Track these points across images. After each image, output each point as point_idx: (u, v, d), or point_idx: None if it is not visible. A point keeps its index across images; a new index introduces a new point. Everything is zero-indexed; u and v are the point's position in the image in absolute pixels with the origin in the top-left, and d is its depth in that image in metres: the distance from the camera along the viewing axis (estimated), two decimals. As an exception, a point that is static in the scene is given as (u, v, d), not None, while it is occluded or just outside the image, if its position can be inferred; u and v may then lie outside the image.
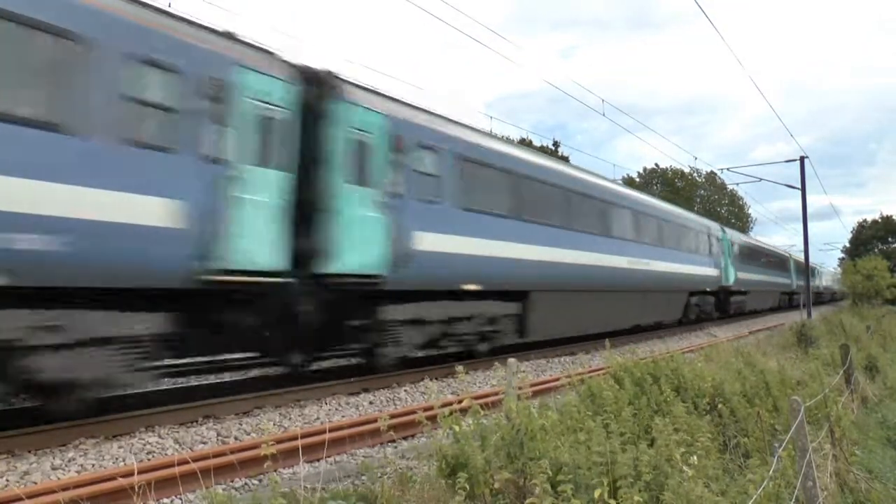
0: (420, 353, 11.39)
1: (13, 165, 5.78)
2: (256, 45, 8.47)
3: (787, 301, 47.26)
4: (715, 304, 27.87)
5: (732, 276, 29.20)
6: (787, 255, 48.09)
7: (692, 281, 23.99)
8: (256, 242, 7.90)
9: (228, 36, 8.09)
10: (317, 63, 9.43)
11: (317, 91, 9.12)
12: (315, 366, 10.74)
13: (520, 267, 13.02)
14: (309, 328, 9.15)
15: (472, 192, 11.78)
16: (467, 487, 3.54)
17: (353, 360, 11.53)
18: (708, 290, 26.21)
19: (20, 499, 4.38)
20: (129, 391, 7.97)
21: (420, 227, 10.47)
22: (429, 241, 10.63)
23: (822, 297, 62.96)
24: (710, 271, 26.23)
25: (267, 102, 8.21)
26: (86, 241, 6.22)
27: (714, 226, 28.78)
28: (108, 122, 6.50)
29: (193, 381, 10.44)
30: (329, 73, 9.46)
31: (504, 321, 12.99)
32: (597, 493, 3.32)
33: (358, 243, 9.36)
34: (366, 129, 9.66)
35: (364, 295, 9.81)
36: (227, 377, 10.89)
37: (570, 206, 15.32)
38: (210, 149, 7.44)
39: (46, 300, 6.16)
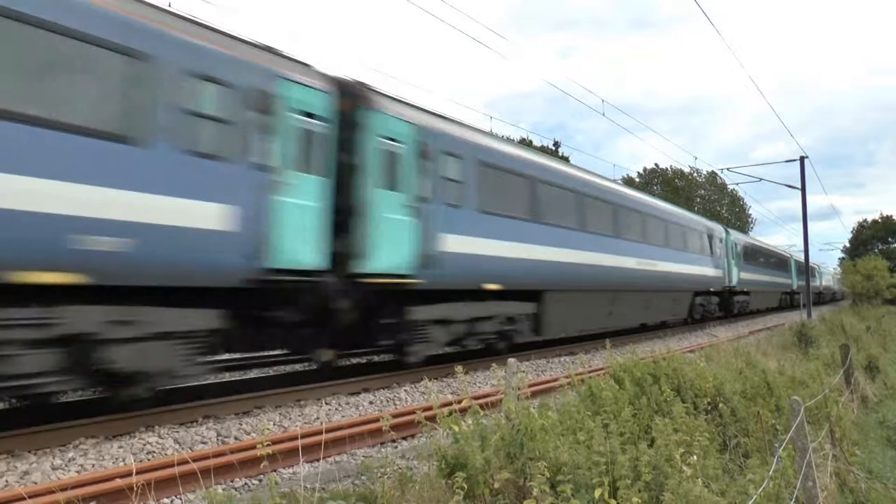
0: (446, 350, 12.15)
1: (92, 174, 6.35)
2: (295, 59, 9.01)
3: (789, 301, 47.25)
4: (719, 304, 28.34)
5: (735, 277, 29.72)
6: (788, 255, 48.09)
7: (697, 281, 24.54)
8: (299, 243, 8.46)
9: (270, 50, 8.60)
10: (349, 74, 10.17)
11: (350, 101, 9.65)
12: (344, 362, 11.29)
13: (535, 267, 13.56)
14: (344, 325, 9.68)
15: (492, 196, 12.37)
16: (465, 487, 3.54)
17: (382, 357, 12.12)
18: (712, 290, 26.73)
19: (20, 499, 4.38)
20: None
21: (445, 230, 11.07)
22: (453, 243, 11.23)
23: (822, 297, 63.01)
24: (714, 272, 26.74)
25: (307, 113, 8.76)
26: (152, 243, 6.80)
27: (718, 227, 29.13)
28: (171, 133, 7.06)
29: (193, 381, 10.43)
30: (361, 84, 10.04)
31: (521, 320, 13.58)
32: (597, 493, 3.32)
33: (389, 245, 9.92)
34: (395, 138, 10.21)
35: (394, 294, 10.33)
36: (227, 377, 10.89)
37: (583, 208, 15.88)
38: (258, 157, 7.99)
39: (119, 297, 6.74)
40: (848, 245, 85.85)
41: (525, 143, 38.18)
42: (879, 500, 5.55)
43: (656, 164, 73.67)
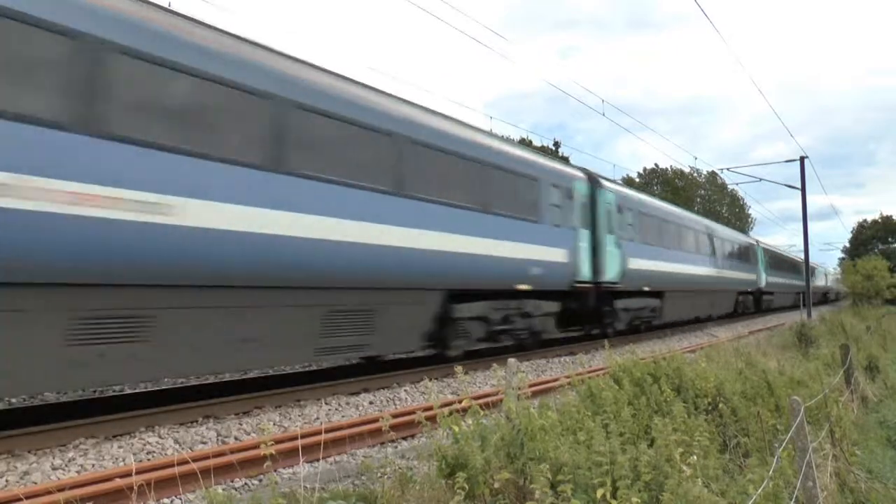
0: (626, 327, 19.10)
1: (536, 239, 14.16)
2: (573, 165, 18.32)
3: (802, 299, 47.89)
4: (753, 302, 36.38)
5: (764, 280, 37.44)
6: (800, 260, 48.82)
7: (739, 283, 32.03)
8: (586, 266, 15.86)
9: (557, 156, 16.13)
10: (588, 168, 18.11)
11: (591, 183, 17.05)
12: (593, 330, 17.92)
13: (663, 276, 20.86)
14: (593, 311, 17.08)
15: (645, 232, 19.78)
16: (466, 487, 3.54)
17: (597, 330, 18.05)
18: (749, 290, 34.59)
19: (20, 499, 4.38)
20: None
21: (631, 255, 18.30)
22: (635, 263, 18.45)
23: (825, 298, 63.44)
24: (750, 276, 34.34)
25: (581, 194, 16.21)
26: (546, 270, 14.06)
27: (751, 240, 37.42)
28: (548, 216, 14.57)
29: (193, 380, 10.45)
30: (594, 173, 17.73)
31: (656, 308, 21.09)
32: (599, 493, 3.32)
33: (610, 265, 16.96)
34: (609, 203, 17.43)
35: (611, 293, 17.52)
36: (226, 377, 10.91)
37: (681, 235, 23.63)
38: (570, 222, 15.39)
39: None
40: (848, 245, 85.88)
41: (525, 143, 38.28)
42: (879, 500, 5.55)
43: (656, 165, 73.74)
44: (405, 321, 10.42)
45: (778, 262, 43.52)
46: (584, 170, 17.49)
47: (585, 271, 15.69)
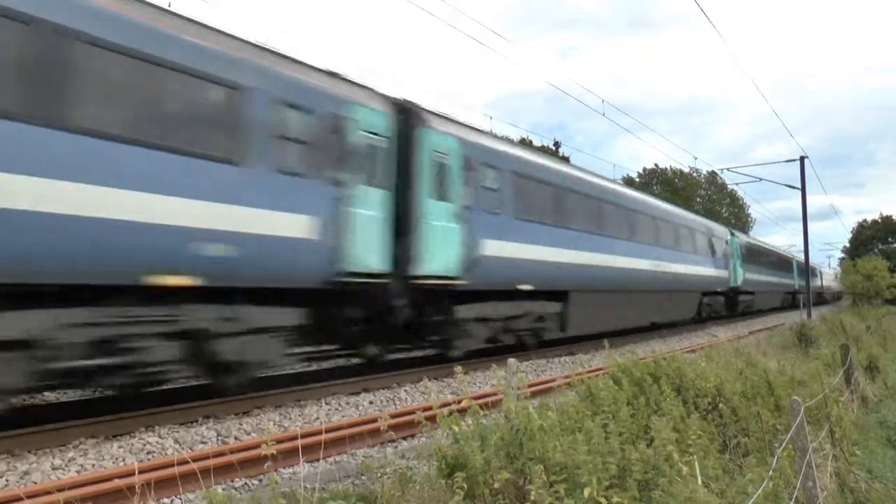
0: (484, 346, 13.03)
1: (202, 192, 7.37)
2: (360, 83, 10.19)
3: (791, 300, 47.35)
4: (724, 304, 29.52)
5: (740, 277, 30.75)
6: (791, 256, 48.43)
7: (704, 282, 25.60)
8: (367, 249, 9.46)
9: (336, 75, 9.65)
10: (404, 95, 11.35)
11: (405, 120, 10.72)
12: (390, 356, 12.09)
13: (562, 269, 14.55)
14: (399, 322, 10.86)
15: (523, 203, 13.37)
16: (465, 487, 3.54)
17: (427, 353, 12.90)
18: (718, 290, 27.82)
19: (20, 498, 4.38)
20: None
21: (486, 235, 12.01)
22: (497, 248, 12.26)
23: (822, 297, 63.06)
24: (720, 273, 27.80)
25: (371, 132, 9.80)
26: (251, 250, 7.77)
27: (723, 229, 30.33)
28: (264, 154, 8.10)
29: (193, 381, 10.44)
30: (414, 104, 11.14)
31: (550, 318, 14.66)
32: (586, 493, 3.31)
33: (440, 250, 10.82)
34: (443, 152, 11.19)
35: (448, 293, 11.35)
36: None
37: (602, 213, 16.91)
38: (332, 173, 9.02)
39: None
40: (848, 245, 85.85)
41: (525, 143, 38.10)
42: (879, 500, 5.55)
43: (656, 165, 73.73)
44: None
45: (760, 256, 37.29)
46: (388, 97, 10.64)
47: (374, 257, 9.59)
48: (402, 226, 10.35)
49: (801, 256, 45.97)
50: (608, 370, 6.66)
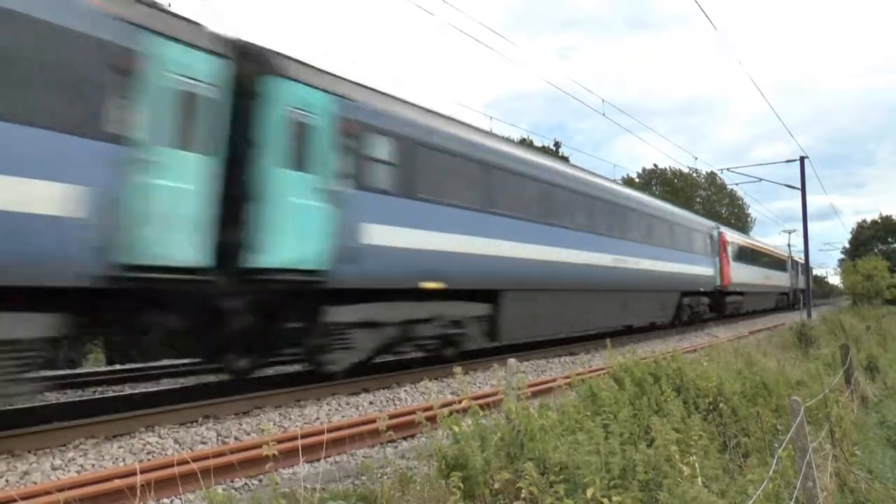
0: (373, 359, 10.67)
1: None
2: (179, 14, 7.63)
3: (786, 301, 46.68)
4: (710, 305, 26.97)
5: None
6: (785, 255, 47.12)
7: (684, 281, 23.04)
8: (170, 233, 7.02)
9: (143, 2, 7.20)
10: (252, 37, 8.72)
11: (250, 67, 8.20)
12: (258, 373, 10.01)
13: (489, 264, 11.98)
14: (241, 330, 8.38)
15: (430, 180, 10.73)
16: (462, 486, 3.54)
17: (296, 367, 11.08)
18: (702, 290, 25.30)
19: (15, 500, 4.37)
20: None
21: (370, 220, 9.45)
22: (380, 235, 9.59)
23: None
24: (704, 271, 25.30)
25: (189, 77, 7.31)
26: None
27: (709, 224, 27.95)
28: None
29: (193, 380, 10.45)
30: (263, 48, 8.57)
31: (471, 324, 11.92)
32: (589, 493, 3.31)
33: (293, 235, 8.32)
34: (307, 109, 8.67)
35: (303, 294, 8.83)
36: (226, 377, 10.88)
37: (547, 199, 14.24)
38: (114, 127, 6.55)
39: None
40: (848, 245, 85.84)
41: (525, 143, 37.83)
42: (879, 500, 5.55)
43: (655, 165, 73.74)
44: None
45: (751, 254, 34.57)
46: (223, 37, 7.93)
47: (183, 244, 7.12)
48: (237, 203, 7.89)
49: (797, 255, 45.87)
50: (609, 370, 6.66)
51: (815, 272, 72.31)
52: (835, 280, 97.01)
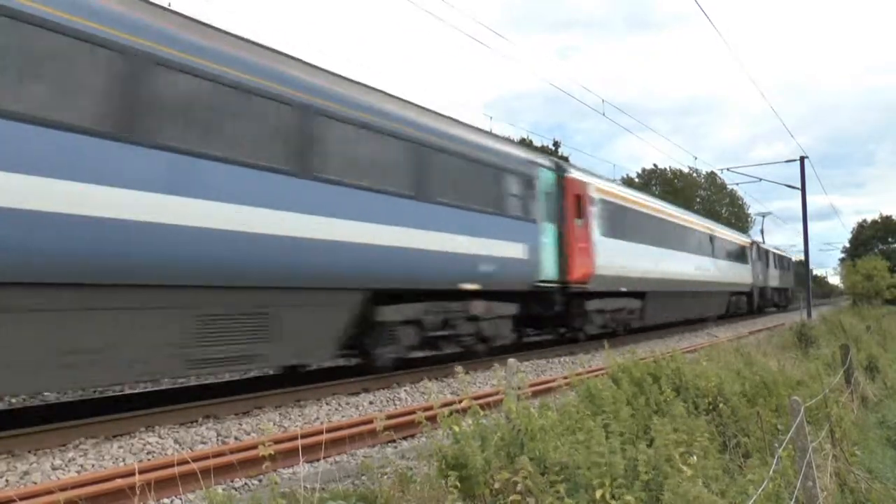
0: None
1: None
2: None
3: (745, 305, 43.23)
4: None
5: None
6: (745, 240, 45.89)
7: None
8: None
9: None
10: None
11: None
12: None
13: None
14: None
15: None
16: (458, 486, 3.54)
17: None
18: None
19: (14, 501, 4.37)
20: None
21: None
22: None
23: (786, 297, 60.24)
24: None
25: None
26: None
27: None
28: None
29: (193, 380, 10.45)
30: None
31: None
32: (598, 494, 3.32)
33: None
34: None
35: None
36: (226, 377, 10.90)
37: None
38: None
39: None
40: (848, 245, 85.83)
41: (525, 143, 38.04)
42: (879, 500, 5.55)
43: (655, 165, 73.70)
44: None
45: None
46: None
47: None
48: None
49: (798, 256, 46.30)
50: (608, 370, 6.66)
51: (813, 272, 72.19)
52: (835, 280, 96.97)
